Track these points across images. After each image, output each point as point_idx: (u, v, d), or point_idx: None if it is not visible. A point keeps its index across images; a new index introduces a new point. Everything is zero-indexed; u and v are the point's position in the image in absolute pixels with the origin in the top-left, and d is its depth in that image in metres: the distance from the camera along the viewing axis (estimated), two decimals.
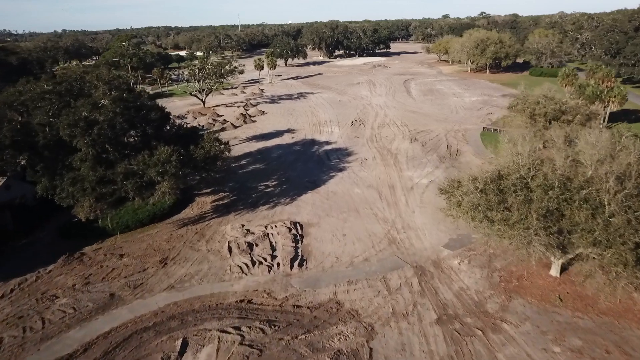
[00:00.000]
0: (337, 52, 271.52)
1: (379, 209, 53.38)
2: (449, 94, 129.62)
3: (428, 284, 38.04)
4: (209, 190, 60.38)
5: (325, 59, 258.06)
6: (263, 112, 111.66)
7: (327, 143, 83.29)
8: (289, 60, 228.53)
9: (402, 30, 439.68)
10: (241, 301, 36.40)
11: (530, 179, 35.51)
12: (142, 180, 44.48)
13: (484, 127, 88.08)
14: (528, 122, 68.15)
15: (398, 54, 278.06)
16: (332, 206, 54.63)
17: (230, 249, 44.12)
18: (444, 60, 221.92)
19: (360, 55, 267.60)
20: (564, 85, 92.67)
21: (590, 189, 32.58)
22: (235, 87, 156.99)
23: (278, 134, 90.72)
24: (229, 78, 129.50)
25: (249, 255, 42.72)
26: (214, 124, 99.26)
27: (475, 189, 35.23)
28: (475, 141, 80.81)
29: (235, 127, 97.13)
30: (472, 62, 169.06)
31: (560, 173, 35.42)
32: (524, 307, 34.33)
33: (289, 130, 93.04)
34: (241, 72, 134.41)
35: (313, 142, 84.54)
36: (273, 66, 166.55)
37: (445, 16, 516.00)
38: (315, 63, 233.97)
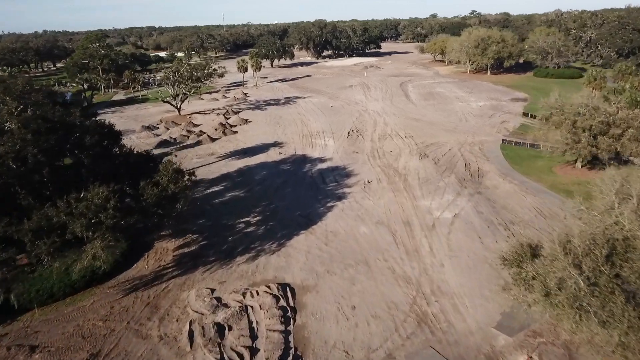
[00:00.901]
0: (325, 53, 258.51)
1: (396, 260, 40.28)
2: (452, 98, 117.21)
3: None
4: (171, 231, 46.74)
5: (314, 59, 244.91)
6: (246, 120, 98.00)
7: (321, 160, 70.06)
8: (275, 61, 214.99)
9: (390, 30, 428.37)
10: None
11: None
12: (63, 237, 30.81)
13: (503, 139, 75.56)
14: (569, 137, 55.65)
15: (389, 54, 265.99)
16: (334, 256, 41.39)
17: (191, 336, 30.64)
18: (439, 61, 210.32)
19: (350, 56, 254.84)
20: (592, 89, 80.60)
21: None
22: (217, 91, 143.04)
23: (263, 148, 77.21)
24: (208, 82, 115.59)
25: (217, 348, 29.30)
26: (188, 136, 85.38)
27: (575, 269, 22.02)
28: (496, 157, 68.18)
29: (213, 139, 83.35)
30: (473, 63, 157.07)
31: None
32: None
33: (275, 144, 79.57)
34: (221, 76, 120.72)
35: (304, 158, 71.24)
36: (257, 68, 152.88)
37: (433, 15, 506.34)
38: (303, 64, 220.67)
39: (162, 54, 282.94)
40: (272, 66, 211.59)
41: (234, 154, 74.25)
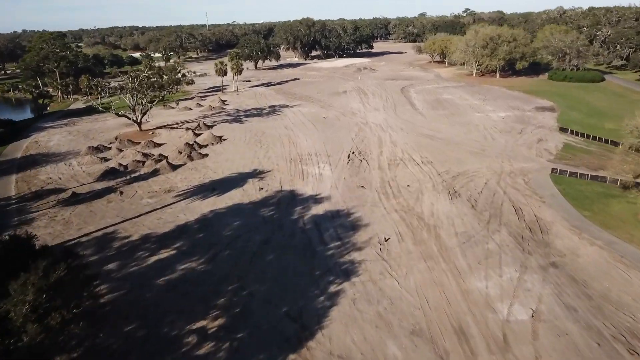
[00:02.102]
0: (314, 53, 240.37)
1: None
2: (465, 107, 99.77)
3: None
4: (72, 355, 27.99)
5: (301, 60, 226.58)
6: (220, 138, 79.26)
7: (316, 200, 51.82)
8: (260, 62, 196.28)
9: (380, 29, 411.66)
10: None
11: None
12: None
13: (553, 169, 57.94)
14: None
15: (382, 54, 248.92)
16: None
17: None
18: (438, 62, 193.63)
19: (340, 56, 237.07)
20: None
21: None
22: (191, 98, 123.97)
23: (238, 180, 58.72)
24: (175, 90, 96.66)
25: None
26: (143, 163, 66.41)
27: None
28: (553, 196, 50.51)
29: (175, 167, 64.55)
30: (481, 64, 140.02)
31: None
32: None
33: (255, 174, 61.14)
34: (189, 83, 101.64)
35: (293, 198, 52.90)
36: (238, 71, 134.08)
37: (422, 14, 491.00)
38: (290, 65, 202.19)
39: (137, 54, 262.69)
40: (256, 68, 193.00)
41: (199, 191, 55.55)
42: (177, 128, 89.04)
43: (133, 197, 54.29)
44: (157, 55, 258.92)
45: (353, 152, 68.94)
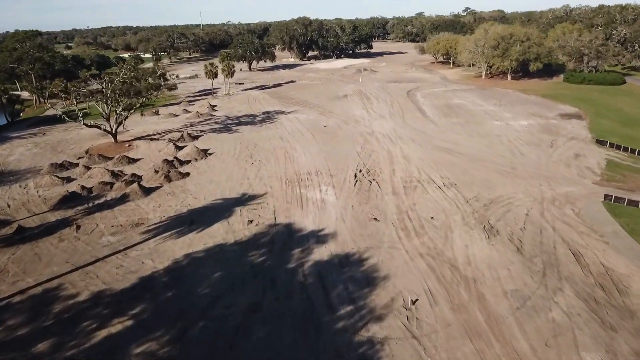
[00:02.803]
0: (311, 53, 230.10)
1: None
2: (481, 114, 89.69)
3: None
4: None
5: (298, 61, 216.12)
6: (205, 152, 68.79)
7: (318, 239, 41.44)
8: (254, 63, 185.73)
9: (378, 29, 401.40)
10: None
11: None
12: None
13: (606, 195, 47.68)
14: None
15: (381, 54, 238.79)
16: None
17: None
18: (441, 62, 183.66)
19: (339, 57, 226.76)
20: None
21: None
22: (178, 103, 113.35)
23: (222, 211, 48.23)
24: (156, 95, 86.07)
25: None
26: (111, 185, 55.74)
27: None
28: (615, 234, 40.28)
29: (148, 191, 53.90)
30: (492, 66, 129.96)
31: None
32: None
33: (244, 200, 50.72)
34: (171, 88, 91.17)
35: (290, 235, 42.48)
36: (230, 73, 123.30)
37: (419, 14, 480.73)
38: (285, 66, 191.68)
39: (126, 55, 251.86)
40: (250, 69, 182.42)
41: (174, 225, 45.03)
42: (158, 139, 78.46)
43: (91, 234, 43.70)
44: (147, 55, 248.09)
45: (360, 171, 58.61)
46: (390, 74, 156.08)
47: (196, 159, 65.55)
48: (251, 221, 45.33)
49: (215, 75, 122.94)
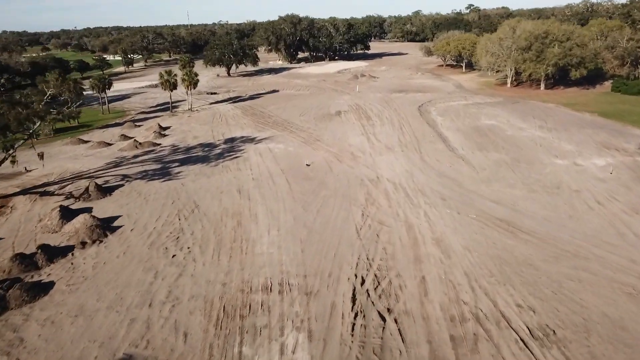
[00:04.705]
0: (300, 55, 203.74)
1: None
2: (529, 145, 63.48)
3: None
4: None
5: (286, 64, 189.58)
6: (105, 229, 41.96)
7: None
8: (234, 67, 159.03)
9: (375, 28, 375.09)
10: None
11: None
12: None
13: None
14: None
15: (380, 55, 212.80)
16: None
17: None
18: (450, 65, 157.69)
19: (332, 59, 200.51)
20: None
21: None
22: (122, 124, 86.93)
23: None
24: (36, 128, 59.62)
25: None
26: None
27: None
28: None
29: None
30: (523, 72, 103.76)
31: None
32: None
33: None
34: (73, 117, 64.89)
35: None
36: (191, 83, 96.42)
37: (416, 12, 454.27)
38: (270, 71, 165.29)
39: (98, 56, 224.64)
40: (229, 75, 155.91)
41: None
42: (53, 193, 51.62)
43: None
44: (117, 57, 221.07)
45: (362, 283, 32.05)
46: (393, 81, 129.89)
47: (81, 247, 38.59)
48: None
49: (175, 87, 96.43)
